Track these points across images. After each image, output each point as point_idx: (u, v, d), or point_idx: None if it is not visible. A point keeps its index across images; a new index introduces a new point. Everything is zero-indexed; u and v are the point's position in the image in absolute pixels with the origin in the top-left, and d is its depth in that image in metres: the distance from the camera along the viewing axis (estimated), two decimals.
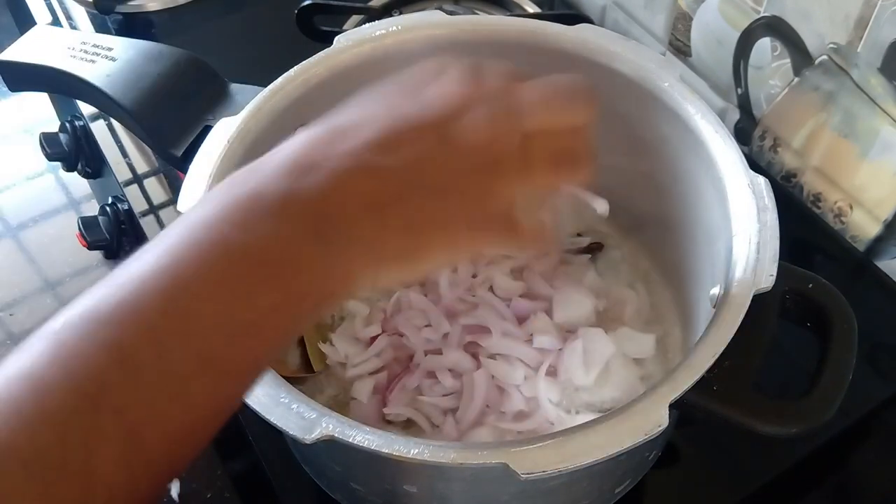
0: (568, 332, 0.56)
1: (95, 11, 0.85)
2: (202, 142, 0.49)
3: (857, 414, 0.56)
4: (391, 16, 0.81)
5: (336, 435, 0.37)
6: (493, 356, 0.54)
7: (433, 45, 0.56)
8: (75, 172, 0.82)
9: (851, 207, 0.65)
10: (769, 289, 0.42)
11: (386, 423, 0.53)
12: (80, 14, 0.87)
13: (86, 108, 0.79)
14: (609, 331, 0.57)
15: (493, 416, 0.52)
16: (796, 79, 0.65)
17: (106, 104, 0.55)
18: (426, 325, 0.56)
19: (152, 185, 0.74)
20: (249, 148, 0.50)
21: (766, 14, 0.64)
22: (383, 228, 0.33)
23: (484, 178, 0.35)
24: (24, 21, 0.89)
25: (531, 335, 0.55)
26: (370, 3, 0.81)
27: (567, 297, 0.58)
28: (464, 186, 0.34)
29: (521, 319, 0.56)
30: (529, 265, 0.60)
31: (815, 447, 0.54)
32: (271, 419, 0.37)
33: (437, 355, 0.55)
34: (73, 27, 0.86)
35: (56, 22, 0.87)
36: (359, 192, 0.32)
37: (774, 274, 0.42)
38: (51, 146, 0.80)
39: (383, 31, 0.54)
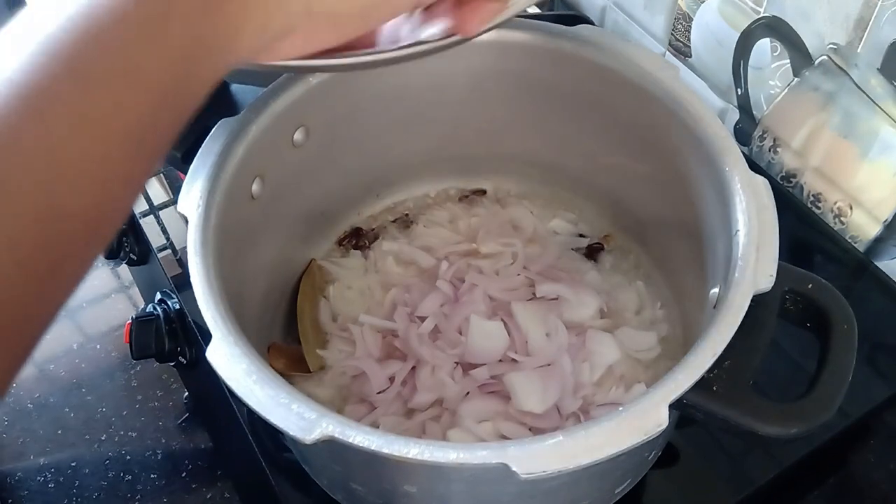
0: (576, 334, 0.56)
1: None
2: (202, 142, 0.49)
3: (857, 414, 0.56)
4: None
5: (336, 435, 0.37)
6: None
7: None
8: None
9: (851, 208, 0.65)
10: (769, 289, 0.42)
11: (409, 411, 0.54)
12: None
13: None
14: (610, 330, 0.57)
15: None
16: (796, 79, 0.65)
17: None
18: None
19: (152, 185, 0.74)
20: (249, 148, 0.50)
21: (766, 14, 0.64)
22: None
23: None
24: None
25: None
26: None
27: (573, 297, 0.58)
28: None
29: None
30: (528, 266, 0.61)
31: (815, 447, 0.54)
32: (271, 419, 0.37)
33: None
34: None
35: None
36: None
37: (774, 274, 0.42)
38: None
39: None
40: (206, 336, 0.41)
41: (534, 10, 0.83)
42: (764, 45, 0.66)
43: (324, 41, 0.32)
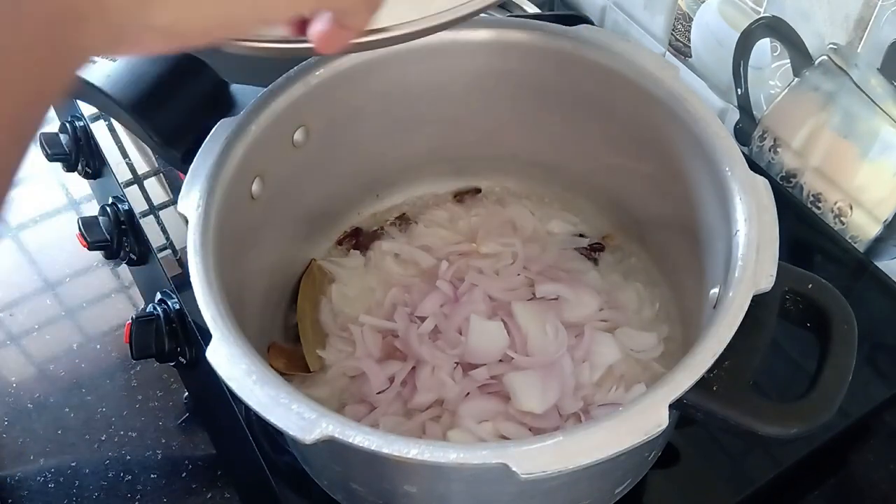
0: (576, 334, 0.56)
1: None
2: (202, 142, 0.49)
3: (857, 414, 0.56)
4: None
5: (336, 435, 0.37)
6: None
7: (433, 46, 0.56)
8: (75, 172, 0.82)
9: (851, 208, 0.65)
10: (769, 289, 0.42)
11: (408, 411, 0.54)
12: None
13: (86, 109, 0.79)
14: (610, 330, 0.57)
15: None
16: (796, 79, 0.65)
17: (106, 104, 0.55)
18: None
19: (152, 185, 0.74)
20: (249, 148, 0.50)
21: (766, 14, 0.64)
22: None
23: None
24: None
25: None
26: None
27: (573, 297, 0.58)
28: None
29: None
30: (528, 266, 0.61)
31: (815, 447, 0.54)
32: (271, 419, 0.37)
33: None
34: None
35: None
36: None
37: (774, 274, 0.42)
38: (51, 146, 0.80)
39: None
40: (206, 336, 0.41)
41: (534, 10, 0.83)
42: (764, 45, 0.66)
43: (156, 50, 0.32)
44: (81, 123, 0.80)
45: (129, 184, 0.74)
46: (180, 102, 0.55)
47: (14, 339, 0.73)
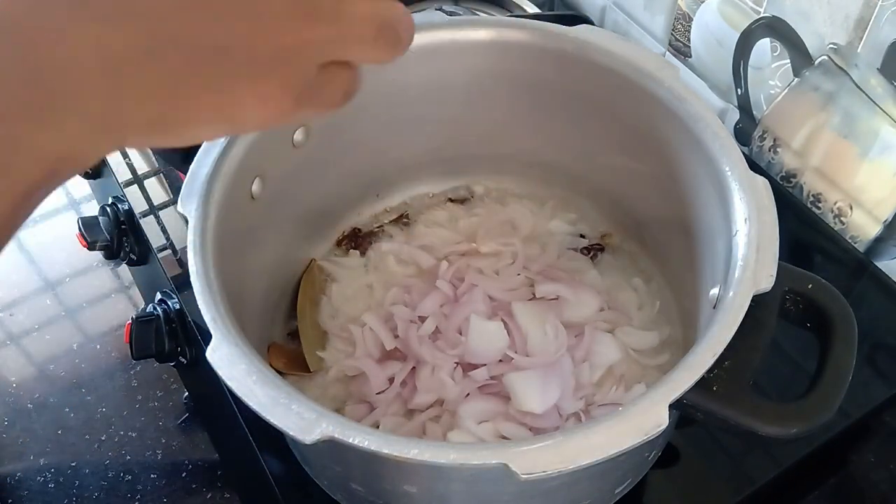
0: (576, 334, 0.56)
1: None
2: (202, 142, 0.49)
3: (857, 414, 0.56)
4: None
5: (336, 435, 0.37)
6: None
7: (433, 46, 0.56)
8: None
9: (851, 208, 0.65)
10: (769, 289, 0.42)
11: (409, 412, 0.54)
12: None
13: None
14: (611, 330, 0.57)
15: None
16: (796, 79, 0.65)
17: None
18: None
19: (152, 185, 0.74)
20: (249, 148, 0.50)
21: (766, 14, 0.64)
22: (121, 93, 0.26)
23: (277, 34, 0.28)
24: None
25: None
26: None
27: (573, 297, 0.58)
28: (251, 43, 0.28)
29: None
30: (528, 266, 0.61)
31: (815, 447, 0.54)
32: (271, 419, 0.37)
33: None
34: None
35: None
36: (90, 48, 0.26)
37: (774, 274, 0.42)
38: None
39: None
40: (206, 336, 0.41)
41: (534, 10, 0.83)
42: (764, 45, 0.66)
43: (144, 145, 0.30)
44: None
45: (129, 184, 0.74)
46: None
47: (14, 339, 0.73)
